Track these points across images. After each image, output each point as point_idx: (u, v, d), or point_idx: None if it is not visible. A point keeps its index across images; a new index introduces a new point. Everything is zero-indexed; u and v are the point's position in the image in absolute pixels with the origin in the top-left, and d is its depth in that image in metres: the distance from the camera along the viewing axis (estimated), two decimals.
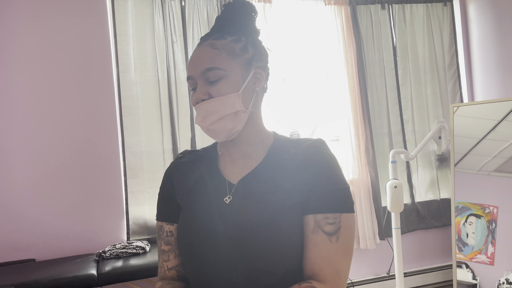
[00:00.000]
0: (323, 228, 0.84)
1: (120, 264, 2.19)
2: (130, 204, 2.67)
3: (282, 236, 0.84)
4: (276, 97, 2.97)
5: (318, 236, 0.84)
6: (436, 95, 3.39)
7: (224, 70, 0.90)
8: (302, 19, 3.15)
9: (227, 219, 0.88)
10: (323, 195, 0.86)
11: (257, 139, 0.97)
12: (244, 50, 0.93)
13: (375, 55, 3.25)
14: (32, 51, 2.57)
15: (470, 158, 2.86)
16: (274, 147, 0.96)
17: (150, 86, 2.77)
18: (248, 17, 0.97)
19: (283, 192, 0.87)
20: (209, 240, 0.87)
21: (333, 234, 0.84)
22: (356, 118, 3.09)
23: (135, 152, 2.71)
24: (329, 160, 0.90)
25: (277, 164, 0.92)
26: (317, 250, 0.84)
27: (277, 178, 0.90)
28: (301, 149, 0.92)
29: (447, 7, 3.46)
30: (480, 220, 2.77)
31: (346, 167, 3.10)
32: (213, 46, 0.91)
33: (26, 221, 2.50)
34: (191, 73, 0.92)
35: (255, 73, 0.95)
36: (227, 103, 0.89)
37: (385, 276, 3.18)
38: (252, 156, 0.96)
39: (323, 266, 0.83)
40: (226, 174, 0.96)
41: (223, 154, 1.00)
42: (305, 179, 0.87)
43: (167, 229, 0.99)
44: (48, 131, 2.57)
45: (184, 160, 1.03)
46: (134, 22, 2.76)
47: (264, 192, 0.89)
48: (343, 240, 0.84)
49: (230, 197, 0.91)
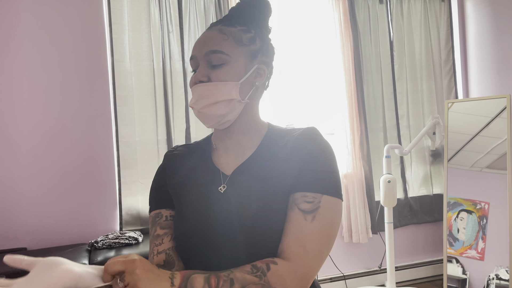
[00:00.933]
0: (299, 205, 0.83)
1: (112, 254, 2.18)
2: (123, 194, 2.66)
3: (277, 223, 0.84)
4: (270, 91, 2.95)
5: (292, 213, 0.83)
6: (431, 91, 3.40)
7: (228, 55, 0.90)
8: (299, 11, 3.13)
9: (222, 208, 0.88)
10: (307, 175, 0.86)
11: (252, 130, 0.97)
12: (252, 41, 0.93)
13: (372, 49, 3.25)
14: (26, 39, 2.53)
15: (463, 154, 2.88)
16: (268, 136, 0.97)
17: (145, 76, 2.74)
18: (263, 13, 0.97)
19: (276, 180, 0.87)
20: (204, 230, 0.87)
21: (309, 213, 0.82)
22: (352, 112, 3.09)
23: (129, 142, 2.69)
24: (319, 145, 0.89)
25: (270, 153, 0.92)
26: (290, 226, 0.82)
27: (270, 166, 0.90)
28: (293, 136, 0.92)
29: (445, 3, 3.46)
30: (471, 216, 2.79)
31: (341, 161, 3.10)
32: (221, 31, 0.92)
33: (18, 210, 2.48)
34: (195, 53, 0.92)
35: (258, 68, 0.95)
36: (223, 89, 0.89)
37: (376, 270, 3.20)
38: (247, 145, 0.96)
39: (291, 243, 0.81)
40: (220, 165, 0.96)
41: (218, 146, 1.00)
42: (295, 164, 0.87)
43: (167, 213, 0.97)
44: (40, 120, 2.54)
45: (176, 153, 1.03)
46: (130, 11, 2.73)
47: (258, 180, 0.89)
48: (319, 220, 0.82)
49: (224, 186, 0.91)
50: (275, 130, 0.99)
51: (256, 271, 0.77)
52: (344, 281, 3.10)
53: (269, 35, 1.00)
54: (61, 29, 2.59)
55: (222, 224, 0.86)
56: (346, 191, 3.09)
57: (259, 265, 0.78)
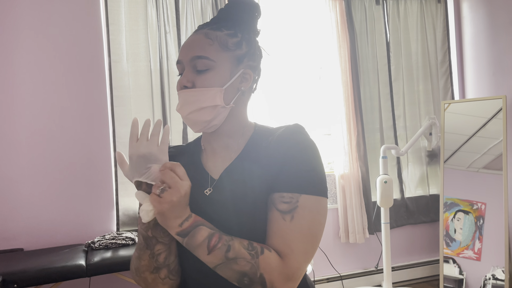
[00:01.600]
0: (276, 206, 0.83)
1: (109, 255, 2.18)
2: (120, 195, 2.66)
3: (261, 224, 0.84)
4: (266, 92, 2.96)
5: (271, 213, 0.83)
6: (428, 92, 3.41)
7: (213, 61, 0.89)
8: (296, 12, 3.14)
9: (208, 211, 0.87)
10: (286, 175, 0.85)
11: (239, 132, 0.96)
12: (238, 46, 0.93)
13: (369, 50, 3.26)
14: (23, 39, 2.52)
15: (459, 155, 2.89)
16: (254, 137, 0.96)
17: (142, 76, 2.74)
18: (251, 15, 0.96)
19: (260, 180, 0.87)
20: None
21: (287, 213, 0.82)
22: (348, 113, 3.10)
23: (126, 143, 2.69)
24: (300, 142, 0.87)
25: (255, 154, 0.92)
26: (270, 226, 0.83)
27: (255, 167, 0.89)
28: (277, 134, 0.91)
29: (441, 4, 3.47)
30: (468, 216, 2.81)
31: (338, 162, 3.11)
32: (207, 35, 0.91)
33: (15, 210, 2.47)
34: (181, 58, 0.92)
35: (244, 73, 0.93)
36: (207, 95, 0.89)
37: (373, 270, 3.21)
38: (233, 148, 0.96)
39: (276, 242, 0.81)
40: (208, 168, 0.96)
41: (206, 148, 1.00)
42: (275, 163, 0.87)
43: None
44: (37, 121, 2.53)
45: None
46: (127, 11, 2.73)
47: (243, 181, 0.88)
48: (298, 220, 0.81)
49: (210, 189, 0.91)
50: (261, 131, 0.98)
51: (251, 250, 0.79)
52: (341, 281, 3.11)
53: (257, 38, 1.00)
54: (59, 29, 2.59)
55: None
56: (343, 191, 3.10)
57: (255, 245, 0.80)
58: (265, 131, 0.97)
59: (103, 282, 2.55)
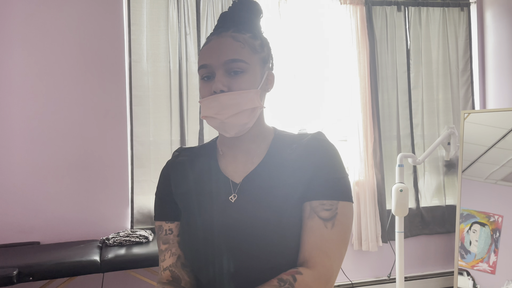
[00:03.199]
0: (318, 213, 0.84)
1: (123, 252, 2.21)
2: (135, 193, 2.69)
3: (291, 231, 0.84)
4: (285, 95, 2.97)
5: (313, 222, 0.84)
6: (447, 101, 3.37)
7: (248, 63, 0.89)
8: (317, 17, 3.13)
9: (234, 218, 0.87)
10: (321, 183, 0.86)
11: (261, 136, 0.96)
12: (261, 48, 0.93)
13: (388, 57, 3.23)
14: (44, 36, 2.58)
15: (478, 166, 2.84)
16: (275, 142, 0.96)
17: (162, 76, 2.77)
18: (258, 16, 0.96)
19: (287, 187, 0.87)
20: (217, 240, 0.87)
21: (329, 220, 0.83)
22: (366, 119, 3.08)
23: (143, 142, 2.73)
24: (328, 150, 0.90)
25: (279, 160, 0.92)
26: (311, 235, 0.83)
27: (280, 173, 0.89)
28: (302, 142, 0.92)
29: (464, 12, 3.42)
30: (484, 229, 2.76)
31: (353, 169, 3.09)
32: (235, 38, 0.90)
33: (33, 204, 2.52)
34: (209, 62, 0.89)
35: (268, 74, 0.95)
36: (247, 98, 0.88)
37: (385, 279, 3.17)
38: (255, 153, 0.95)
39: (314, 253, 0.82)
40: (228, 173, 0.94)
41: (225, 153, 0.98)
42: (306, 170, 0.88)
43: (166, 227, 0.98)
44: (57, 117, 2.59)
45: (181, 159, 1.01)
46: (149, 12, 2.76)
47: (269, 188, 0.88)
48: (338, 227, 0.84)
49: (235, 195, 0.90)
50: (281, 136, 0.98)
51: (283, 284, 0.79)
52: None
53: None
54: (81, 28, 2.64)
55: (234, 233, 0.86)
56: (357, 198, 3.07)
57: (285, 278, 0.80)
58: (286, 137, 0.97)
59: (116, 279, 2.59)
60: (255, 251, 0.83)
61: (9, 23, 2.53)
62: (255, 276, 0.84)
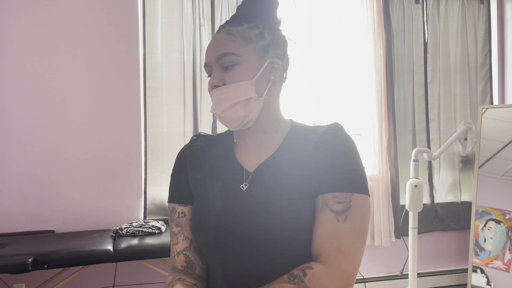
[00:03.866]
0: (330, 206, 0.83)
1: (135, 242, 2.23)
2: (148, 184, 2.71)
3: (300, 222, 0.83)
4: (299, 88, 2.94)
5: (325, 215, 0.83)
6: (465, 95, 3.31)
7: (238, 55, 0.89)
8: (332, 9, 3.10)
9: (244, 206, 0.87)
10: (335, 175, 0.85)
11: (273, 127, 0.96)
12: (260, 36, 0.92)
13: (405, 50, 3.18)
14: (59, 27, 2.59)
15: (494, 162, 2.79)
16: (291, 134, 0.95)
17: (175, 68, 2.77)
18: (270, 6, 0.96)
19: (300, 178, 0.87)
20: (226, 226, 0.87)
21: (341, 213, 0.82)
22: (381, 113, 3.04)
23: (156, 133, 2.74)
24: (344, 141, 0.88)
25: (294, 151, 0.91)
26: (322, 228, 0.82)
27: (294, 164, 0.89)
28: (317, 134, 0.91)
29: (484, 5, 3.35)
30: (500, 226, 2.71)
31: (367, 163, 3.06)
32: (229, 32, 0.91)
33: (48, 193, 2.56)
34: (207, 60, 0.93)
35: (271, 62, 0.93)
36: (239, 90, 0.88)
37: (398, 275, 3.15)
38: (269, 144, 0.95)
39: (326, 246, 0.81)
40: (242, 161, 0.95)
41: (239, 142, 0.99)
42: (321, 162, 0.86)
43: (180, 210, 0.98)
44: (72, 109, 2.61)
45: (198, 144, 1.02)
46: (163, 4, 2.76)
47: (281, 179, 0.88)
48: (351, 220, 0.82)
49: (246, 184, 0.90)
50: (298, 128, 0.97)
51: (293, 279, 0.79)
52: (364, 283, 3.07)
53: (279, 27, 0.98)
54: (95, 19, 2.64)
55: (243, 221, 0.86)
56: (371, 193, 3.05)
57: (295, 273, 0.79)
58: (302, 129, 0.96)
59: (129, 268, 2.62)
60: (263, 242, 0.83)
61: (22, 15, 2.55)
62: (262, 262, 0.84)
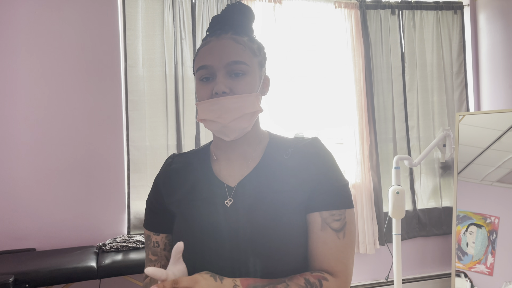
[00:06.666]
0: (330, 224, 0.85)
1: (119, 257, 2.19)
2: (132, 198, 2.68)
3: (287, 236, 0.84)
4: (281, 98, 2.97)
5: (326, 234, 0.85)
6: (442, 103, 3.38)
7: (249, 66, 0.88)
8: (311, 21, 3.14)
9: (230, 222, 0.86)
10: (327, 193, 0.87)
11: (257, 139, 0.95)
12: (259, 51, 0.93)
13: (383, 60, 3.25)
14: (40, 41, 2.57)
15: (473, 168, 2.85)
16: (271, 146, 0.95)
17: (157, 81, 2.77)
18: (251, 20, 0.95)
19: (286, 192, 0.87)
20: (213, 244, 0.86)
21: (340, 231, 0.85)
22: (361, 122, 3.09)
23: (139, 147, 2.72)
24: (328, 159, 0.91)
25: (276, 164, 0.91)
26: (326, 247, 0.85)
27: (277, 178, 0.89)
28: (299, 148, 0.91)
29: (457, 15, 3.45)
30: (481, 230, 2.76)
31: (349, 171, 3.09)
32: (236, 41, 0.89)
33: (28, 210, 2.50)
34: (210, 63, 0.86)
35: (265, 78, 0.95)
36: (248, 101, 0.87)
37: (383, 282, 3.17)
38: (250, 156, 0.94)
39: (332, 263, 0.84)
40: (223, 177, 0.93)
41: (219, 157, 0.96)
42: (307, 178, 0.88)
43: (154, 239, 0.97)
44: (52, 122, 2.57)
45: (174, 166, 0.99)
46: (144, 17, 2.76)
47: (266, 192, 0.88)
48: (348, 235, 0.86)
49: (231, 199, 0.89)
50: (276, 140, 0.97)
51: (310, 287, 0.81)
52: None
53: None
54: (76, 33, 2.63)
55: (232, 238, 0.85)
56: (354, 201, 3.07)
57: (312, 281, 0.81)
58: (281, 141, 0.96)
59: (113, 284, 2.57)
60: (252, 256, 0.83)
61: (6, 29, 2.52)
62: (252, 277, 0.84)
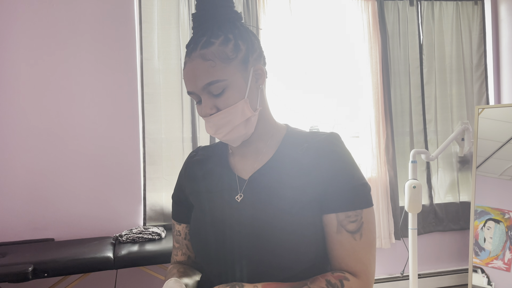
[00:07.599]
0: (346, 227, 0.84)
1: (136, 248, 2.22)
2: (147, 190, 2.70)
3: (296, 233, 0.83)
4: (296, 92, 2.95)
5: (342, 236, 0.84)
6: (461, 96, 3.32)
7: (225, 80, 0.84)
8: (327, 13, 3.11)
9: (240, 216, 0.87)
10: (342, 193, 0.85)
11: (268, 134, 0.94)
12: (236, 50, 0.86)
13: (401, 52, 3.20)
14: (57, 34, 2.60)
15: (492, 162, 2.80)
16: (286, 140, 0.94)
17: (173, 74, 2.78)
18: (226, 7, 0.89)
19: (297, 188, 0.86)
20: (222, 237, 0.87)
21: (357, 232, 0.84)
22: (378, 115, 3.06)
23: (155, 139, 2.74)
24: (344, 156, 0.88)
25: (289, 159, 0.90)
26: (343, 249, 0.85)
27: (289, 173, 0.88)
28: (314, 143, 0.89)
29: (478, 6, 3.37)
30: (499, 226, 2.72)
31: (365, 165, 3.07)
32: (204, 57, 0.84)
33: (47, 201, 2.55)
34: (191, 89, 0.87)
35: (255, 70, 0.89)
36: (236, 112, 0.86)
37: (398, 276, 3.15)
38: (263, 151, 0.93)
39: (351, 264, 0.84)
40: (237, 169, 0.94)
41: (234, 152, 0.98)
42: (321, 176, 0.86)
43: (177, 228, 1.04)
44: (70, 115, 2.61)
45: (197, 158, 1.03)
46: (160, 10, 2.77)
47: (277, 188, 0.87)
48: (366, 235, 0.85)
49: (241, 195, 0.90)
50: (294, 134, 0.95)
51: (331, 287, 0.81)
52: None
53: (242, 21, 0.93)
54: (92, 26, 2.65)
55: (240, 232, 0.86)
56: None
57: (333, 281, 0.82)
58: (298, 135, 0.95)
59: (129, 275, 2.61)
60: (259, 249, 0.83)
61: (18, 22, 2.55)
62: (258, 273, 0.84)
